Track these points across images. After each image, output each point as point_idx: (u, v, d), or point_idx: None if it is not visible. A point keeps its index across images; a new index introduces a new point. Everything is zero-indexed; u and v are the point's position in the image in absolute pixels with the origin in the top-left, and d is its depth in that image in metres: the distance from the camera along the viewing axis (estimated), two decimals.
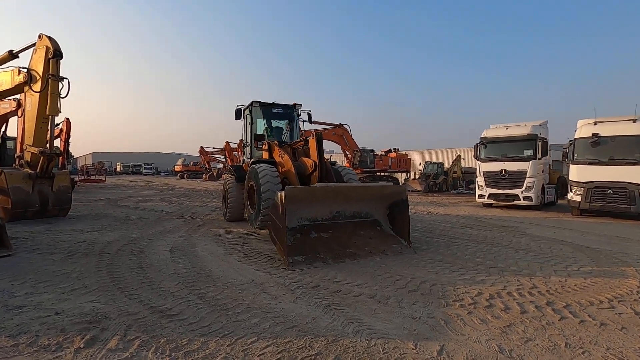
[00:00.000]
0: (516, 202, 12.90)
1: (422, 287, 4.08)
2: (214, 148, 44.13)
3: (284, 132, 9.07)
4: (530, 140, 12.79)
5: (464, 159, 29.44)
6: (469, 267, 5.00)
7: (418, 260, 5.34)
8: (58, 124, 18.09)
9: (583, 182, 10.90)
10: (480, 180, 13.89)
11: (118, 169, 64.76)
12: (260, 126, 8.73)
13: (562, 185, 16.42)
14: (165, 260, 5.06)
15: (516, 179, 12.84)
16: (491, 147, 13.76)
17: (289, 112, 8.98)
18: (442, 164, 28.45)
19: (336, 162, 7.69)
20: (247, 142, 8.93)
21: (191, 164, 53.47)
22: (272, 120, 8.82)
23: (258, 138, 7.71)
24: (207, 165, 44.80)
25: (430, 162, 28.26)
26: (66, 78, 8.19)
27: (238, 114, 8.78)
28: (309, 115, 8.99)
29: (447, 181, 27.11)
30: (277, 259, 5.25)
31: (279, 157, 7.06)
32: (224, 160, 41.39)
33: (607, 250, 6.23)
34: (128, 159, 73.47)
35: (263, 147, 7.68)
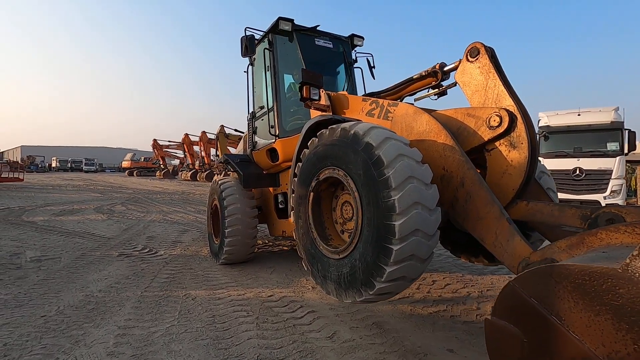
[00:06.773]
0: None
1: None
2: (169, 141, 38.46)
3: (336, 85, 4.84)
4: (615, 130, 9.75)
5: None
6: None
7: None
8: None
9: None
10: None
11: (54, 165, 55.78)
12: (289, 78, 4.51)
13: None
14: None
15: (597, 180, 9.76)
16: (556, 139, 10.57)
17: (345, 49, 4.79)
18: None
19: None
20: (268, 105, 4.43)
21: (142, 159, 47.07)
22: (314, 63, 4.32)
23: (309, 78, 3.24)
24: (161, 161, 38.97)
25: None
26: None
27: (249, 47, 4.13)
28: (369, 62, 4.93)
29: None
30: None
31: (370, 118, 2.96)
32: (182, 155, 36.13)
33: None
34: (67, 153, 64.59)
35: (319, 102, 3.36)
